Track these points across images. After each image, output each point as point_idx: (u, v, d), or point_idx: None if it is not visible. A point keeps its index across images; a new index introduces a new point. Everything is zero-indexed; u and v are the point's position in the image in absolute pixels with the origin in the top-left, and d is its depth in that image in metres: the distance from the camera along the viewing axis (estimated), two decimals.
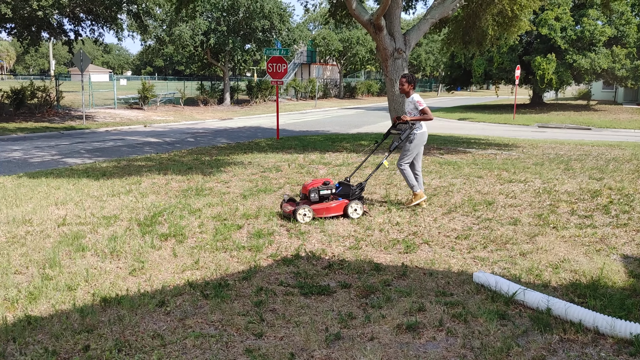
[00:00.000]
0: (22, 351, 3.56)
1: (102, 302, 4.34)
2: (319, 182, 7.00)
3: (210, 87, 37.85)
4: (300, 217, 6.62)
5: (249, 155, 13.06)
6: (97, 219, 6.87)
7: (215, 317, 4.06)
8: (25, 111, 24.93)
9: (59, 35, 23.65)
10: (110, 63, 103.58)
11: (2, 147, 15.72)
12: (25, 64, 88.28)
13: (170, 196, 8.27)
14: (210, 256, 5.51)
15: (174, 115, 28.67)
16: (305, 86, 47.04)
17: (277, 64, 17.31)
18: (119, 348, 3.57)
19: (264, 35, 35.15)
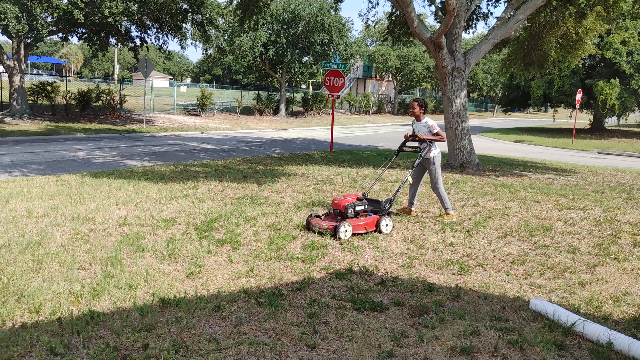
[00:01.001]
0: (85, 344, 3.70)
1: (160, 302, 4.47)
2: (352, 198, 6.97)
3: (267, 98, 38.41)
4: (343, 234, 6.57)
5: (303, 166, 13.18)
6: (156, 221, 7.08)
7: (269, 326, 4.12)
8: (90, 113, 25.93)
9: (126, 41, 24.54)
10: (171, 70, 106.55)
11: (67, 146, 16.39)
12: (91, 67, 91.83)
13: (226, 203, 8.44)
14: (264, 265, 5.59)
15: (230, 124, 29.22)
16: (359, 101, 47.18)
17: (335, 77, 17.45)
18: (176, 349, 3.67)
19: (322, 48, 35.51)
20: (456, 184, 10.90)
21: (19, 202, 7.89)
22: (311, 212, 7.16)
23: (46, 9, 19.33)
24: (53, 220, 6.92)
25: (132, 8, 20.70)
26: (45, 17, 20.11)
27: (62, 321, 4.05)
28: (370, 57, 49.56)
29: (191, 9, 23.46)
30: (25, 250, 5.60)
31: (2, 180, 9.88)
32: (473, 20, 17.92)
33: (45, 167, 12.08)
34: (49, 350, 3.58)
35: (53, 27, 22.22)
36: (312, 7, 33.77)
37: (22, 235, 6.14)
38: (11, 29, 17.84)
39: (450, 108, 13.40)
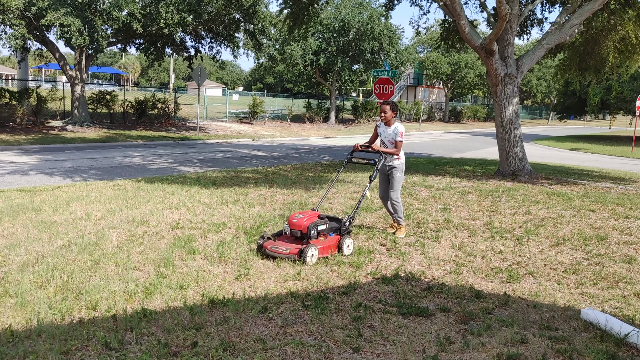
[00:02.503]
0: (138, 341, 3.85)
1: (209, 303, 4.60)
2: (311, 216, 6.14)
3: (317, 105, 38.70)
4: (310, 259, 5.72)
5: (352, 173, 13.22)
6: (207, 225, 7.26)
7: (314, 328, 4.18)
8: (146, 120, 26.75)
9: (181, 51, 25.25)
10: (224, 79, 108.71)
11: (124, 152, 16.97)
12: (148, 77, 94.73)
13: (275, 208, 8.57)
14: (311, 269, 5.66)
15: (281, 131, 29.58)
16: (410, 108, 46.92)
17: (384, 85, 17.44)
18: (224, 347, 3.77)
19: (372, 56, 35.54)
20: (507, 192, 10.72)
21: (79, 205, 8.24)
22: (263, 233, 6.25)
23: (106, 21, 20.12)
24: (110, 223, 7.21)
25: (187, 19, 21.30)
26: (105, 29, 20.93)
27: (117, 318, 4.23)
28: (420, 64, 49.25)
29: (244, 19, 23.94)
30: (83, 251, 5.86)
31: (64, 185, 10.33)
32: (527, 26, 17.61)
33: (103, 172, 12.55)
34: (104, 345, 3.74)
35: (112, 39, 23.12)
36: (363, 16, 33.88)
37: (81, 237, 6.42)
38: (74, 41, 18.64)
39: (502, 115, 13.19)
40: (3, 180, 10.75)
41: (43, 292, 4.66)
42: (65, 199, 8.64)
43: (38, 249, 5.91)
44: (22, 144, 17.53)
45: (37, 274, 5.10)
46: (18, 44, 18.28)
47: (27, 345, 3.72)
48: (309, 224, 5.95)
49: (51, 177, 11.53)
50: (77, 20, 18.42)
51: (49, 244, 6.09)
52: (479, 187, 11.43)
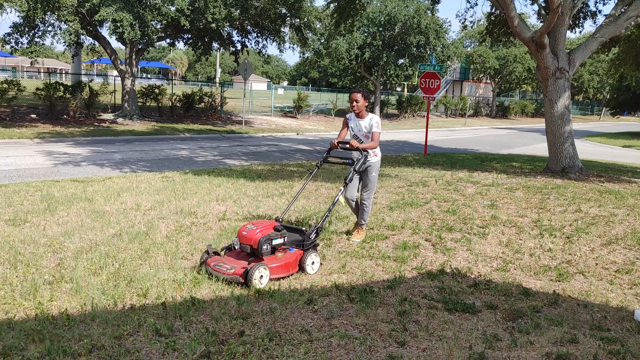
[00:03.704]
0: (187, 328, 3.94)
1: (256, 293, 4.66)
2: (266, 227, 5.11)
3: None
4: (257, 282, 4.74)
5: (396, 168, 13.14)
6: (253, 217, 7.35)
7: (359, 321, 4.19)
8: (193, 114, 27.22)
9: (227, 45, 25.55)
10: (269, 73, 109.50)
11: (172, 145, 17.32)
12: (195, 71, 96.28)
13: (320, 202, 8.60)
14: (356, 262, 5.67)
15: (325, 125, 29.62)
16: (456, 103, 46.25)
17: (430, 79, 17.25)
18: (270, 337, 3.82)
19: (418, 50, 35.16)
20: (557, 189, 10.46)
21: (129, 196, 8.46)
22: (207, 247, 5.24)
23: (156, 17, 20.54)
24: (159, 213, 7.38)
25: (234, 14, 21.55)
26: (155, 24, 21.38)
27: (166, 305, 4.33)
28: (467, 58, 48.46)
29: (290, 14, 24.05)
30: (134, 240, 6.02)
31: (114, 176, 10.63)
32: (579, 18, 17.09)
33: (152, 164, 12.85)
34: (154, 331, 3.85)
35: (162, 34, 23.58)
36: (409, 9, 33.54)
37: (132, 226, 6.60)
38: (126, 36, 19.10)
39: (552, 110, 12.85)
40: (57, 171, 11.13)
41: (96, 279, 4.82)
42: (116, 190, 8.88)
43: (91, 237, 6.10)
44: (75, 135, 18.09)
45: (91, 261, 5.27)
46: (72, 39, 18.86)
47: (82, 329, 3.86)
48: (260, 238, 4.96)
49: (102, 168, 11.86)
50: (129, 15, 18.86)
51: (101, 233, 6.29)
52: (527, 183, 11.19)
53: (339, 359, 3.57)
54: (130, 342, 3.67)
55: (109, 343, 3.61)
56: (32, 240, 5.84)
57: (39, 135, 17.51)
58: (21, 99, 22.31)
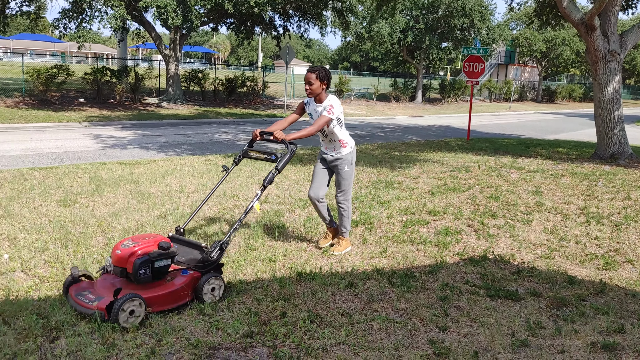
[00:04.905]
0: (230, 308, 4.02)
1: (297, 276, 4.72)
2: (147, 243, 3.87)
3: (403, 84, 38.15)
4: (125, 320, 3.57)
5: (438, 153, 13.00)
6: (294, 201, 7.41)
7: (400, 305, 4.19)
8: (236, 98, 27.46)
9: (269, 30, 25.60)
10: (311, 57, 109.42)
11: (215, 129, 17.54)
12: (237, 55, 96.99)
13: (361, 186, 8.60)
14: (397, 247, 5.66)
15: (366, 110, 29.47)
16: (500, 87, 45.28)
17: (474, 63, 16.93)
18: (311, 319, 3.86)
19: (462, 33, 34.49)
20: (605, 176, 10.16)
21: (174, 178, 8.63)
22: (72, 269, 3.94)
23: (199, 1, 20.73)
24: (202, 196, 7.51)
25: None
26: (198, 9, 21.58)
27: None
28: (513, 41, 47.25)
29: None
30: (178, 221, 6.15)
31: (159, 159, 10.85)
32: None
33: (195, 147, 13.05)
34: (199, 310, 3.94)
35: (205, 18, 23.79)
36: None
37: (177, 208, 6.75)
38: (170, 22, 19.35)
39: (601, 95, 12.46)
40: (105, 154, 11.42)
41: None
42: (160, 172, 9.07)
43: (137, 218, 6.26)
44: (121, 119, 18.51)
45: None
46: (118, 25, 19.21)
47: None
48: (136, 259, 3.74)
49: (147, 151, 12.12)
50: (173, 1, 19.07)
51: (147, 214, 6.44)
52: (574, 170, 10.92)
53: (379, 342, 3.59)
54: (175, 321, 3.77)
55: (156, 321, 3.72)
56: (81, 221, 6.04)
57: (87, 118, 17.98)
58: (70, 83, 22.90)
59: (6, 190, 7.35)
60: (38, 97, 20.97)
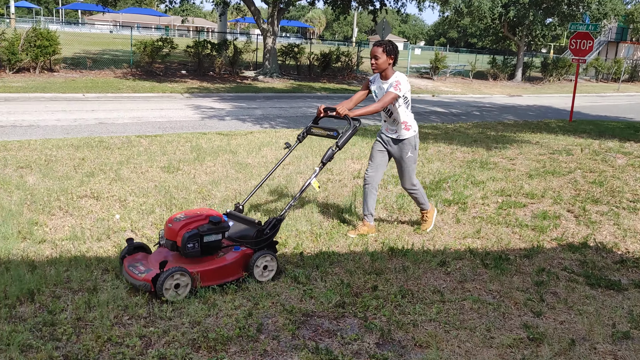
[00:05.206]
0: (323, 278, 4.13)
1: (389, 251, 4.75)
2: (198, 218, 3.86)
3: (502, 62, 36.68)
4: (171, 294, 3.59)
5: (537, 135, 12.48)
6: (387, 177, 7.40)
7: (494, 287, 4.13)
8: (330, 73, 27.58)
9: (366, 4, 25.39)
10: (406, 33, 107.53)
11: (309, 103, 17.76)
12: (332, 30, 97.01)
13: (455, 165, 8.45)
14: (491, 228, 5.54)
15: (462, 88, 28.70)
16: (609, 67, 42.51)
17: (582, 40, 16.00)
18: (402, 294, 3.89)
19: (569, 8, 32.51)
20: None
21: (269, 150, 8.87)
22: (127, 241, 4.05)
23: None
24: (297, 168, 7.68)
25: None
26: None
27: (304, 256, 4.56)
28: (627, 17, 44.05)
29: None
30: (274, 192, 6.34)
31: (255, 131, 11.16)
32: None
33: (290, 121, 13.29)
34: (292, 278, 4.08)
35: None
36: None
37: (272, 179, 6.95)
38: None
39: None
40: (204, 124, 11.89)
41: None
42: (257, 144, 9.34)
43: (235, 187, 6.51)
44: (220, 91, 19.14)
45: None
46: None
47: None
48: (184, 232, 3.73)
49: (243, 123, 12.48)
50: None
51: (244, 183, 6.69)
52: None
53: (471, 322, 3.57)
54: (271, 286, 3.93)
55: (252, 285, 3.89)
56: (184, 187, 6.36)
57: (188, 90, 18.73)
58: (173, 56, 23.88)
59: (116, 156, 7.86)
60: (144, 68, 22.07)
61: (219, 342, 3.14)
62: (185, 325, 3.31)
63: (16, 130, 9.73)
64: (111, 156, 7.82)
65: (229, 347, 3.12)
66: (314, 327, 3.42)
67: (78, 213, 5.33)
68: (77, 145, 8.46)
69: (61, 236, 4.74)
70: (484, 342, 3.31)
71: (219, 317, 3.45)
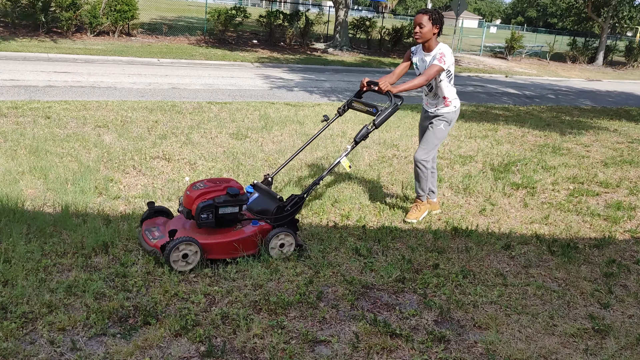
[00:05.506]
0: (384, 252, 4.14)
1: (452, 230, 4.70)
2: (216, 188, 3.71)
3: (583, 44, 35.00)
4: (180, 264, 3.50)
5: (616, 122, 11.90)
6: (454, 156, 7.29)
7: (559, 275, 4.02)
8: (400, 49, 27.13)
9: None
10: (482, 10, 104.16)
11: (377, 77, 17.55)
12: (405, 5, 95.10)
13: (525, 149, 8.20)
14: (560, 215, 5.37)
15: (537, 69, 27.64)
16: None
17: None
18: (464, 274, 3.85)
19: None
20: None
21: (336, 122, 8.85)
22: (148, 204, 4.02)
23: None
24: (362, 143, 7.63)
25: None
26: None
27: (366, 229, 4.57)
28: None
29: None
30: (339, 165, 6.35)
31: (322, 103, 11.18)
32: None
33: None
34: (354, 250, 4.10)
35: None
36: None
37: (337, 151, 6.97)
38: None
39: None
40: (273, 94, 12.01)
41: None
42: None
43: (301, 157, 6.57)
44: (289, 62, 19.22)
45: (301, 180, 5.71)
46: None
47: None
48: (199, 201, 3.62)
49: (311, 94, 12.52)
50: None
51: (310, 154, 6.74)
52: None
53: (533, 307, 3.49)
54: (332, 256, 3.97)
55: (314, 254, 3.95)
56: (251, 154, 6.48)
57: (259, 59, 18.91)
58: (245, 25, 24.11)
59: (188, 120, 8.08)
60: (217, 36, 22.40)
61: (279, 305, 3.22)
62: (248, 287, 3.41)
63: (95, 91, 10.15)
64: (183, 120, 8.04)
65: (289, 312, 3.20)
66: (373, 299, 3.45)
67: (150, 173, 5.54)
68: (151, 108, 8.74)
69: (134, 194, 4.95)
70: (546, 329, 3.25)
71: (281, 282, 3.52)
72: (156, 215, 3.96)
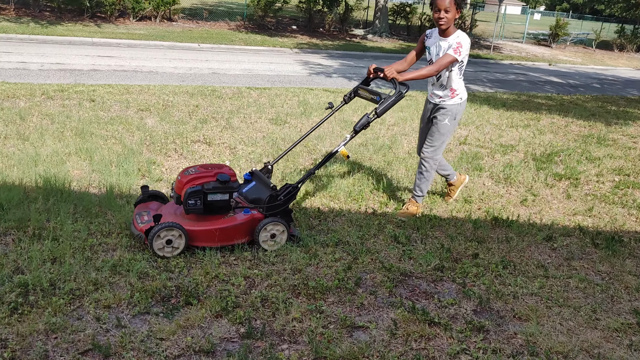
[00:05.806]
0: (423, 240, 4.12)
1: (492, 220, 4.64)
2: (206, 174, 3.64)
3: (632, 32, 33.83)
4: (159, 249, 3.45)
5: None
6: (494, 145, 7.18)
7: (603, 268, 3.93)
8: None
9: None
10: None
11: (417, 65, 17.35)
12: None
13: (569, 139, 8.02)
14: (605, 207, 5.25)
15: (582, 58, 26.89)
16: None
17: None
18: (504, 265, 3.81)
19: None
20: None
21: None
22: (142, 188, 4.00)
23: None
24: (401, 130, 7.61)
25: None
26: None
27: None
28: None
29: None
30: (378, 151, 6.34)
31: None
32: None
33: None
34: (392, 237, 4.10)
35: None
36: None
37: (377, 139, 6.94)
38: None
39: None
40: (311, 80, 12.00)
41: (344, 181, 5.23)
42: (362, 103, 9.26)
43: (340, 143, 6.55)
44: (328, 48, 19.16)
45: (340, 165, 5.72)
46: None
47: (330, 224, 4.27)
48: (188, 187, 3.55)
49: (350, 81, 12.46)
50: None
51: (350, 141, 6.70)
52: None
53: (575, 301, 3.43)
54: (371, 243, 3.98)
55: (353, 240, 3.96)
56: (290, 139, 6.50)
57: (298, 45, 18.90)
58: (285, 11, 24.11)
59: (227, 105, 8.15)
60: (256, 22, 22.46)
61: (318, 290, 3.24)
62: (287, 272, 3.44)
63: (137, 75, 10.32)
64: (223, 105, 8.12)
65: (327, 297, 3.22)
66: (411, 287, 3.44)
67: (191, 156, 5.62)
68: (192, 92, 8.85)
69: (176, 177, 5.02)
70: (588, 323, 3.19)
71: (319, 267, 3.55)
72: (150, 199, 3.94)
